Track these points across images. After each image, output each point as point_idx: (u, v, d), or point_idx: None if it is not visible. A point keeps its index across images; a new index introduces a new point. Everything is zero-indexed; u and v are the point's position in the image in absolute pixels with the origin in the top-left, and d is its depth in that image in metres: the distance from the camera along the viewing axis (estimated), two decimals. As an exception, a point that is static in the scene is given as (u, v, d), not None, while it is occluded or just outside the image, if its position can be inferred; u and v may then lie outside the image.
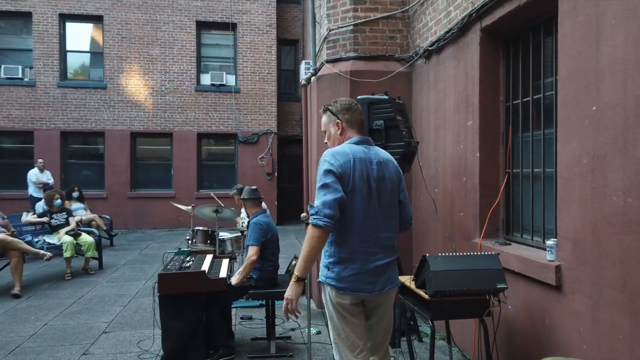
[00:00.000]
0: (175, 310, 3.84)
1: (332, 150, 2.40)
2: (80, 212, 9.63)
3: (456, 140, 4.27)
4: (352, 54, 5.35)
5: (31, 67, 12.70)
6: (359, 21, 5.33)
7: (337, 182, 2.29)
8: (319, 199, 2.27)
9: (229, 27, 13.37)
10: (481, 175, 3.87)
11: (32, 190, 10.76)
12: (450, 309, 3.02)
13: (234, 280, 4.02)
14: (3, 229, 6.41)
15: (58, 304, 5.78)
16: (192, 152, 13.22)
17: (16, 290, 6.11)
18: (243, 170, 13.31)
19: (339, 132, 2.55)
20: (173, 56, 13.13)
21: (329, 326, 2.52)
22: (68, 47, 13.02)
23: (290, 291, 2.34)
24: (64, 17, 12.86)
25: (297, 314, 2.37)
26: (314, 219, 2.24)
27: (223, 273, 4.06)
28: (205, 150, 13.74)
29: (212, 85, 13.28)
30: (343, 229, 2.36)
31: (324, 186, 2.29)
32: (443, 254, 3.09)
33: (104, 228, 9.88)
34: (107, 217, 10.52)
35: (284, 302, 2.35)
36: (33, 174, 10.82)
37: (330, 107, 2.58)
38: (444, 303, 2.99)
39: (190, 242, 5.81)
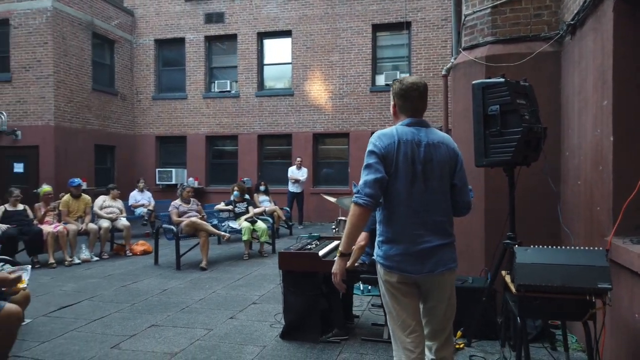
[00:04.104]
0: (294, 287, 4.27)
1: (380, 132, 2.45)
2: (266, 203, 11.01)
3: (594, 123, 3.73)
4: (489, 38, 5.05)
5: (236, 81, 14.95)
6: (498, 2, 5.00)
7: (379, 163, 2.35)
8: (362, 179, 2.37)
9: (404, 26, 13.55)
10: (615, 163, 3.32)
11: (290, 186, 12.41)
12: (542, 307, 2.75)
13: (346, 264, 4.24)
14: (196, 214, 7.83)
15: (229, 277, 6.83)
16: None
17: (203, 264, 7.41)
18: (416, 168, 13.30)
19: (393, 114, 2.58)
20: (350, 60, 13.92)
21: (383, 304, 2.57)
22: (264, 61, 14.94)
23: (335, 266, 2.49)
24: (261, 35, 14.79)
25: (342, 287, 2.50)
26: (356, 197, 2.34)
27: (339, 257, 4.32)
28: (380, 148, 14.15)
29: (387, 85, 13.61)
30: (389, 209, 2.41)
31: (367, 166, 2.37)
32: (536, 246, 2.81)
33: (284, 219, 11.11)
34: (287, 209, 11.77)
35: (332, 276, 2.51)
36: (290, 172, 12.55)
37: (393, 86, 2.57)
38: (535, 299, 2.74)
39: (334, 230, 6.22)
